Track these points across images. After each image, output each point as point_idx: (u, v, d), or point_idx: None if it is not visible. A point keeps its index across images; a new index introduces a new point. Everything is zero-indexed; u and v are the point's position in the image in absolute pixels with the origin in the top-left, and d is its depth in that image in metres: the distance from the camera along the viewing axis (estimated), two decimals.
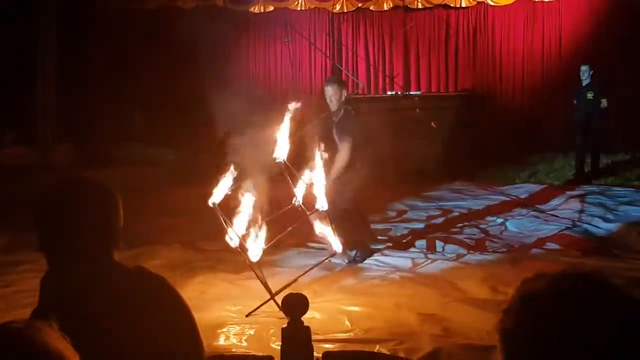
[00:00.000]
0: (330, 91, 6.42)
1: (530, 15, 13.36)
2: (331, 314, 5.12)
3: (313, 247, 7.01)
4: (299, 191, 5.47)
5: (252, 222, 5.26)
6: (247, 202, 5.22)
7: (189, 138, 11.55)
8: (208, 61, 11.79)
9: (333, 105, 6.45)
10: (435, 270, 6.29)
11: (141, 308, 1.79)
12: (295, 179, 5.52)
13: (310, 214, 5.41)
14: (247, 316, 5.11)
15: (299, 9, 13.67)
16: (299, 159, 5.78)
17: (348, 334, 4.77)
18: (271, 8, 13.70)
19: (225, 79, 13.55)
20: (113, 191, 1.88)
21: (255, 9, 13.72)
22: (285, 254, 6.89)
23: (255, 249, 5.22)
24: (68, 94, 11.92)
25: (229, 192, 5.17)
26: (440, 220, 8.54)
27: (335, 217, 5.77)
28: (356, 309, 5.27)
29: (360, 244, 6.65)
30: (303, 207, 5.37)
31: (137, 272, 1.88)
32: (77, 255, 1.80)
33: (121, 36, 12.96)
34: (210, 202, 5.11)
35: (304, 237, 6.97)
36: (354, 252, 6.56)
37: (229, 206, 5.20)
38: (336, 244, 5.41)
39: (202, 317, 4.76)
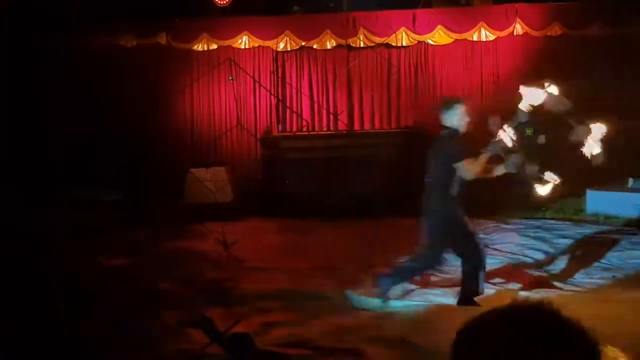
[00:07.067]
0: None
1: (468, 55, 13.75)
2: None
3: None
4: None
5: None
6: None
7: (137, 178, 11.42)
8: (151, 99, 11.71)
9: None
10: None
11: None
12: None
13: None
14: (193, 357, 5.05)
15: (242, 47, 13.74)
16: None
17: None
18: (215, 46, 13.74)
19: (169, 116, 13.53)
20: None
21: (199, 47, 13.74)
22: None
23: None
24: (10, 130, 11.66)
25: None
26: (384, 256, 8.60)
27: None
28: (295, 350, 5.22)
29: None
30: None
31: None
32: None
33: (68, 75, 12.81)
34: None
35: None
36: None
37: None
38: None
39: None
